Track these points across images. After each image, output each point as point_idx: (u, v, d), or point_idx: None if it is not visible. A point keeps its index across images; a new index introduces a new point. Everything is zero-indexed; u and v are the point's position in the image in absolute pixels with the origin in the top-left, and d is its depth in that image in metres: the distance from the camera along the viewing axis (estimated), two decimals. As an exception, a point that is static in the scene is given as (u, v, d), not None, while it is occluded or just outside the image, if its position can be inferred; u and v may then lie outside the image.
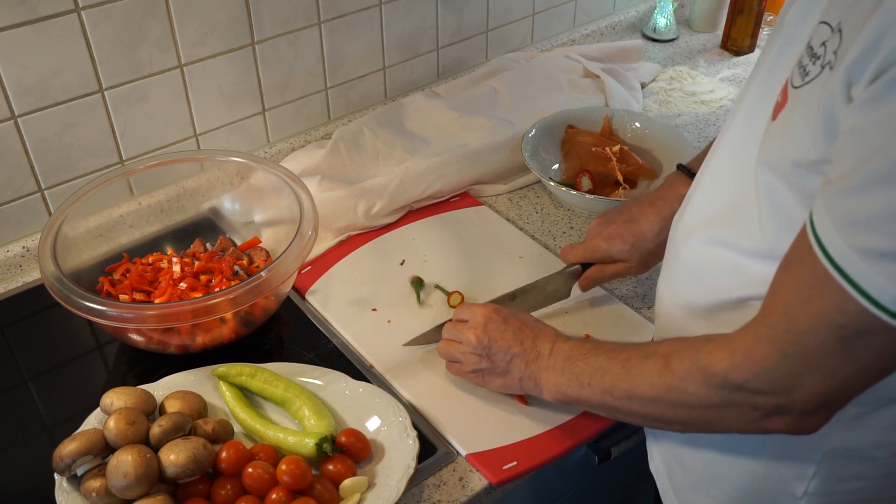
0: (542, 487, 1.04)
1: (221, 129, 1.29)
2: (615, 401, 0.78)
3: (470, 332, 0.92)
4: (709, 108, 1.57)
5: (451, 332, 0.95)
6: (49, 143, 1.12)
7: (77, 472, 0.82)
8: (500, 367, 0.90)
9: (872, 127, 0.54)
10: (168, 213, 1.21)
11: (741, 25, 1.72)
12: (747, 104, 0.74)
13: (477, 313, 0.93)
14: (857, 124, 0.56)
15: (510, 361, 0.89)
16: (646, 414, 0.76)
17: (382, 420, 0.92)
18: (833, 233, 0.57)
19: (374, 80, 1.45)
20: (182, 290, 1.04)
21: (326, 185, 1.24)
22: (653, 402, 0.74)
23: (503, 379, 0.91)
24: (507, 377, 0.90)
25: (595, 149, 1.32)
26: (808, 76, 0.62)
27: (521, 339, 0.90)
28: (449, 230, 1.24)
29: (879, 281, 0.54)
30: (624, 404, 0.77)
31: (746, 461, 0.78)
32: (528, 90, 1.49)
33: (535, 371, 0.87)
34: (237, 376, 0.95)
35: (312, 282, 1.15)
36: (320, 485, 0.83)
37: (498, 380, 0.92)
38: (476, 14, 1.53)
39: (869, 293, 0.55)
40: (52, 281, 0.94)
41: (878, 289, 0.55)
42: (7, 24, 1.01)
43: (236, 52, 1.24)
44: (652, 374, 0.73)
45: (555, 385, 0.84)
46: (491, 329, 0.91)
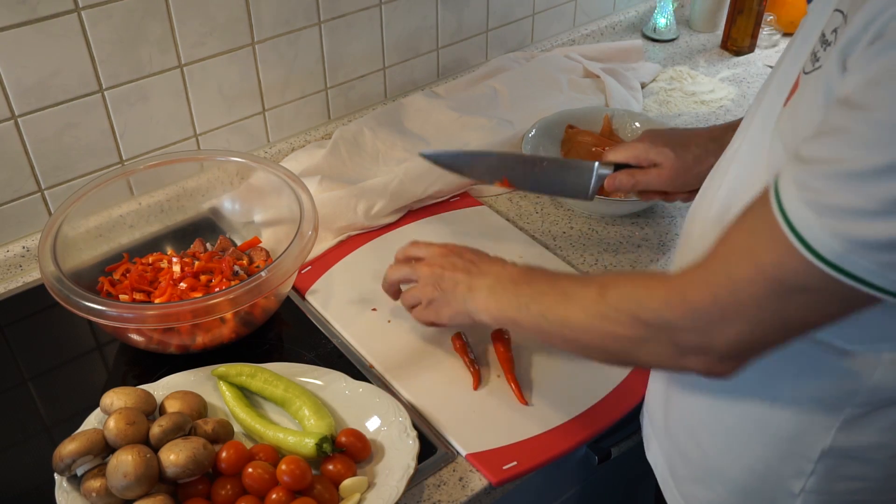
0: (542, 487, 1.04)
1: (221, 129, 1.29)
2: (549, 325, 0.79)
3: (425, 266, 0.94)
4: (709, 108, 1.57)
5: (403, 272, 0.96)
6: (49, 143, 1.12)
7: (77, 472, 0.82)
8: (448, 293, 0.91)
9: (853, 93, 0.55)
10: (168, 213, 1.22)
11: (741, 25, 1.72)
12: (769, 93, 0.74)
13: (434, 248, 0.95)
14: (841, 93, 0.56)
15: (456, 286, 0.90)
16: (575, 340, 0.77)
17: (382, 420, 0.92)
18: (792, 186, 0.57)
19: (374, 80, 1.45)
20: (182, 290, 1.04)
21: (326, 185, 1.24)
22: (584, 328, 0.75)
23: (450, 306, 0.91)
24: (453, 303, 0.91)
25: (595, 149, 1.32)
26: (818, 62, 0.62)
27: (468, 266, 0.91)
28: (449, 230, 1.24)
29: (824, 235, 0.55)
30: (556, 329, 0.78)
31: (745, 456, 0.78)
32: (528, 90, 1.49)
33: (477, 291, 0.88)
34: (237, 376, 0.95)
35: (312, 282, 1.15)
36: (320, 485, 0.83)
37: (447, 308, 0.92)
38: (476, 14, 1.53)
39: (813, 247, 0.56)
40: (52, 281, 0.94)
41: (821, 243, 0.55)
42: (7, 24, 1.01)
43: (236, 52, 1.24)
44: (587, 300, 0.75)
45: (495, 304, 0.85)
46: (445, 262, 0.93)
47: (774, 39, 1.79)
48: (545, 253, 1.20)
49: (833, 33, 0.61)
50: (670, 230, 1.25)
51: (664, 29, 1.80)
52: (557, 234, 1.25)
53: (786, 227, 0.57)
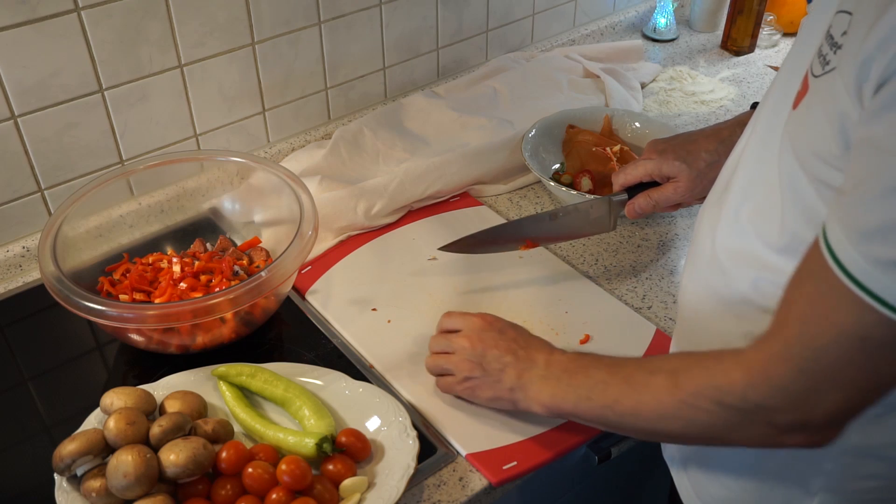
0: (542, 487, 1.04)
1: (221, 129, 1.29)
2: (617, 417, 0.76)
3: (464, 339, 0.90)
4: (709, 108, 1.57)
5: (442, 344, 0.93)
6: (49, 143, 1.12)
7: (77, 472, 0.82)
8: (493, 376, 0.87)
9: (882, 137, 0.54)
10: (168, 213, 1.22)
11: (741, 25, 1.73)
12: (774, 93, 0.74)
13: (472, 320, 0.91)
14: (867, 134, 0.55)
15: (502, 370, 0.87)
16: (651, 430, 0.75)
17: (382, 420, 0.92)
18: (847, 245, 0.56)
19: (374, 80, 1.45)
20: (182, 290, 1.04)
21: (326, 185, 1.24)
22: (661, 418, 0.72)
23: (494, 389, 0.88)
24: (497, 387, 0.88)
25: (595, 149, 1.32)
26: (828, 65, 0.61)
27: (514, 348, 0.87)
28: (449, 230, 1.24)
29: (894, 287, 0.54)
30: (627, 420, 0.76)
31: (761, 455, 0.78)
32: (528, 90, 1.49)
33: (527, 381, 0.85)
34: (237, 376, 0.95)
35: (312, 282, 1.15)
36: (320, 485, 0.83)
37: (489, 390, 0.89)
38: (476, 14, 1.53)
39: (889, 302, 0.54)
40: (52, 281, 0.94)
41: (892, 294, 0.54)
42: (7, 24, 1.01)
43: (236, 52, 1.24)
44: (659, 391, 0.72)
45: (549, 396, 0.82)
46: (486, 337, 0.89)
47: (774, 39, 1.79)
48: (545, 253, 1.20)
49: (843, 35, 0.60)
50: (670, 230, 1.25)
51: (664, 29, 1.80)
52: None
53: (852, 284, 0.56)
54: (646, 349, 1.04)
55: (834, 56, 0.60)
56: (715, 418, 0.68)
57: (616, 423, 0.77)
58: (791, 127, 0.66)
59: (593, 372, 0.80)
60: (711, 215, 0.80)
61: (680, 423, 0.71)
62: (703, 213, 0.83)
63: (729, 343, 0.76)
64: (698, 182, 1.01)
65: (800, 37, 0.72)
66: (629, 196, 1.07)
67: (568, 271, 1.16)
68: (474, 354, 0.89)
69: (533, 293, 1.12)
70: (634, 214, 1.06)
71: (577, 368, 0.82)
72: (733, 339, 0.76)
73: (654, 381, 0.73)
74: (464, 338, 0.90)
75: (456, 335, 0.92)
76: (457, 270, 1.16)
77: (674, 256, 1.20)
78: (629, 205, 1.05)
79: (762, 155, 0.72)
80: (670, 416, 0.72)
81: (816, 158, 0.62)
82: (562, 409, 0.82)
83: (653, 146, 1.05)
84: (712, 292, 0.78)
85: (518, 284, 1.11)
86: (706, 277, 0.79)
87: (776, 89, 0.74)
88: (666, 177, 1.03)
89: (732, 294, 0.75)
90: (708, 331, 0.80)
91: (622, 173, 1.06)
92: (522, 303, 1.10)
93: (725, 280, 0.76)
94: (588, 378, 0.80)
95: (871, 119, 0.55)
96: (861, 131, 0.56)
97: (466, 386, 0.91)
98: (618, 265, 1.19)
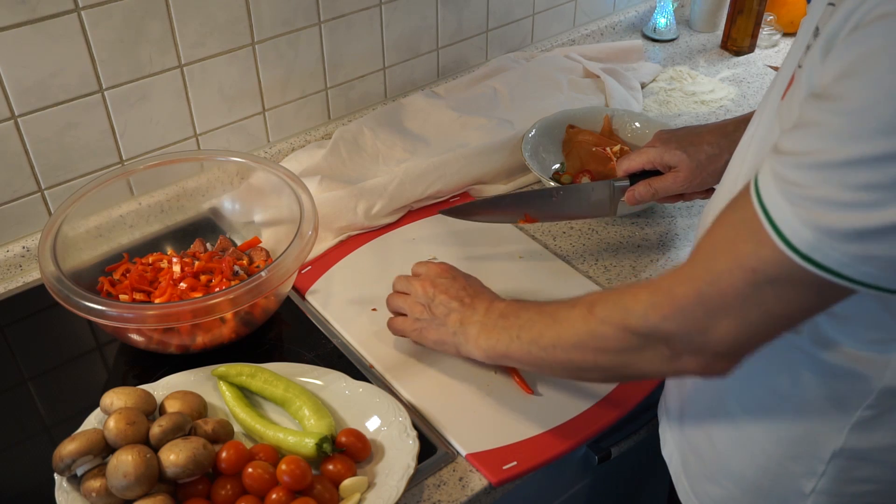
0: (542, 487, 1.04)
1: (221, 129, 1.29)
2: (541, 350, 0.80)
3: (419, 283, 0.96)
4: (709, 108, 1.57)
5: (402, 284, 0.98)
6: (49, 143, 1.12)
7: (77, 472, 0.82)
8: (439, 319, 0.93)
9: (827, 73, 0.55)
10: (168, 213, 1.22)
11: (741, 25, 1.73)
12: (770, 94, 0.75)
13: (431, 268, 0.97)
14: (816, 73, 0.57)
15: (448, 314, 0.92)
16: (568, 361, 0.78)
17: (382, 420, 0.92)
18: (769, 178, 0.58)
19: (374, 80, 1.45)
20: (182, 290, 1.04)
21: (326, 185, 1.24)
22: (575, 347, 0.76)
23: (438, 332, 0.93)
24: (442, 330, 0.93)
25: (595, 149, 1.32)
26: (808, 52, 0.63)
27: (461, 296, 0.92)
28: (449, 230, 1.24)
29: (797, 225, 0.55)
30: (549, 353, 0.79)
31: (757, 455, 0.78)
32: (528, 90, 1.49)
33: (468, 325, 0.90)
34: (237, 376, 0.95)
35: (312, 282, 1.15)
36: (320, 485, 0.83)
37: (434, 333, 0.94)
38: (476, 14, 1.53)
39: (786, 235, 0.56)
40: (52, 281, 0.94)
41: (794, 232, 0.55)
42: (7, 24, 1.01)
43: (236, 52, 1.24)
44: (576, 320, 0.76)
45: (486, 339, 0.87)
46: (439, 283, 0.94)
47: (774, 39, 1.79)
48: (545, 253, 1.20)
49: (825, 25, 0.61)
50: (670, 230, 1.25)
51: (664, 29, 1.80)
52: (557, 233, 1.25)
53: (763, 216, 0.58)
54: (646, 349, 1.04)
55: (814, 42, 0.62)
56: (620, 343, 0.71)
57: (541, 358, 0.80)
58: (780, 117, 0.67)
59: (523, 313, 0.84)
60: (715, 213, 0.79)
61: (591, 351, 0.75)
62: (710, 210, 0.84)
63: None
64: (698, 173, 1.02)
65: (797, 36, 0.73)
66: (631, 183, 1.08)
67: (568, 271, 1.16)
68: (426, 298, 0.94)
69: (533, 293, 1.12)
70: (634, 201, 1.08)
71: (510, 312, 0.86)
72: None
73: (572, 313, 0.77)
74: (420, 282, 0.96)
75: (415, 278, 0.97)
76: (457, 270, 1.16)
77: (674, 256, 1.20)
78: (629, 191, 1.07)
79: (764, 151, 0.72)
80: (583, 345, 0.75)
81: None
82: (496, 352, 0.86)
83: (658, 135, 1.07)
84: None
85: (518, 284, 1.11)
86: None
87: (774, 88, 0.74)
88: (667, 166, 1.05)
89: None
90: None
91: (626, 160, 1.08)
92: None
93: None
94: (518, 318, 0.84)
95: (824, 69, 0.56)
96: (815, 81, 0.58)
97: (415, 328, 0.96)
98: (618, 265, 1.19)
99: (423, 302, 0.94)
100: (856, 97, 0.52)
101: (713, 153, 1.02)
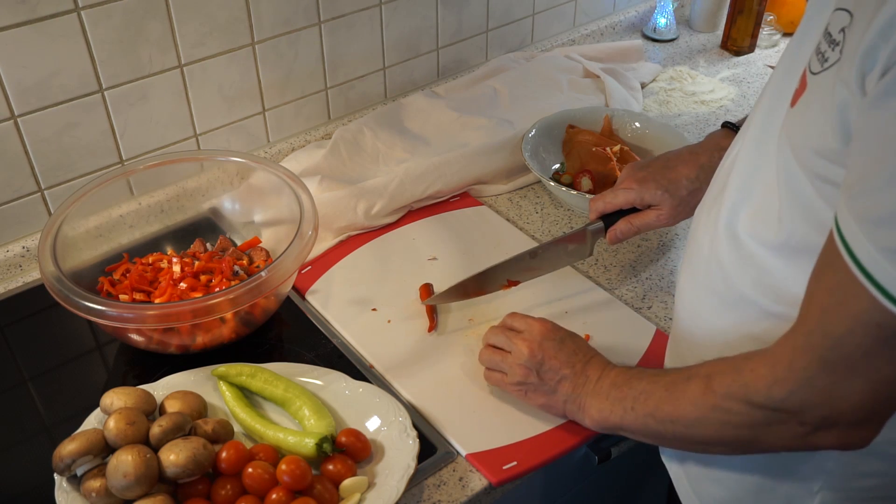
0: (542, 487, 1.04)
1: (221, 129, 1.29)
2: (658, 424, 0.77)
3: (524, 343, 0.91)
4: (709, 108, 1.57)
5: (500, 340, 0.94)
6: (49, 143, 1.12)
7: (77, 472, 0.82)
8: (548, 385, 0.89)
9: (886, 122, 0.54)
10: (168, 213, 1.22)
11: (741, 25, 1.73)
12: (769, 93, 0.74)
13: (534, 326, 0.92)
14: (871, 121, 0.55)
15: (559, 382, 0.89)
16: (689, 437, 0.75)
17: (382, 420, 0.92)
18: (859, 235, 0.56)
19: (374, 80, 1.45)
20: (182, 290, 1.04)
21: (326, 185, 1.24)
22: (697, 422, 0.73)
23: (548, 398, 0.90)
24: (552, 397, 0.90)
25: (595, 149, 1.32)
26: (826, 62, 0.61)
27: (573, 361, 0.89)
28: (449, 230, 1.24)
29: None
30: (667, 427, 0.76)
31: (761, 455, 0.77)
32: (528, 90, 1.49)
33: (580, 395, 0.87)
34: (237, 376, 0.95)
35: (312, 282, 1.15)
36: (320, 485, 0.83)
37: (542, 398, 0.91)
38: (476, 14, 1.53)
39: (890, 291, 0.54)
40: (52, 281, 0.94)
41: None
42: (7, 24, 1.01)
43: (236, 52, 1.24)
44: (695, 394, 0.73)
45: (598, 411, 0.84)
46: (547, 346, 0.90)
47: (774, 39, 1.79)
48: (545, 253, 1.20)
49: (841, 33, 0.60)
50: (670, 230, 1.25)
51: (664, 29, 1.80)
52: (557, 233, 1.25)
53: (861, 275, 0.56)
54: (646, 349, 1.04)
55: (832, 52, 0.60)
56: (745, 419, 0.69)
57: (658, 431, 0.78)
58: (789, 125, 0.66)
59: (636, 383, 0.81)
60: (708, 217, 0.80)
61: (714, 427, 0.72)
62: (700, 215, 0.83)
63: (728, 343, 0.76)
64: (681, 210, 1.01)
65: (795, 37, 0.72)
66: (605, 221, 1.06)
67: (567, 271, 1.16)
68: (532, 362, 0.90)
69: (532, 293, 1.12)
70: (616, 241, 1.05)
71: (623, 381, 0.83)
72: (732, 339, 0.76)
73: (690, 387, 0.74)
74: (524, 342, 0.91)
75: (517, 335, 0.92)
76: (457, 271, 1.16)
77: (674, 256, 1.20)
78: (611, 231, 1.04)
79: (757, 156, 0.72)
80: (705, 420, 0.72)
81: (816, 155, 0.62)
82: (610, 423, 0.83)
83: (631, 174, 1.03)
84: (711, 292, 0.78)
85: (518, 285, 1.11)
86: (704, 278, 0.79)
87: (771, 90, 0.73)
88: (647, 205, 1.02)
89: (731, 294, 0.75)
90: (706, 331, 0.80)
91: (601, 200, 1.04)
92: (522, 303, 1.10)
93: (724, 280, 0.76)
94: (632, 389, 0.81)
95: (873, 106, 0.55)
96: (864, 120, 0.56)
97: (519, 389, 0.92)
98: (618, 265, 1.19)
99: (529, 366, 0.90)
100: None
101: (694, 187, 0.99)
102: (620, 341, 1.05)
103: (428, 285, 1.12)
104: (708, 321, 0.79)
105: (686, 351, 0.85)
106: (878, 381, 0.61)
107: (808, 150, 0.63)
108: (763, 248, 0.70)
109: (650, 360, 1.03)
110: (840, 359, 0.61)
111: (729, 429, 0.71)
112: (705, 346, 0.80)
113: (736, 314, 0.76)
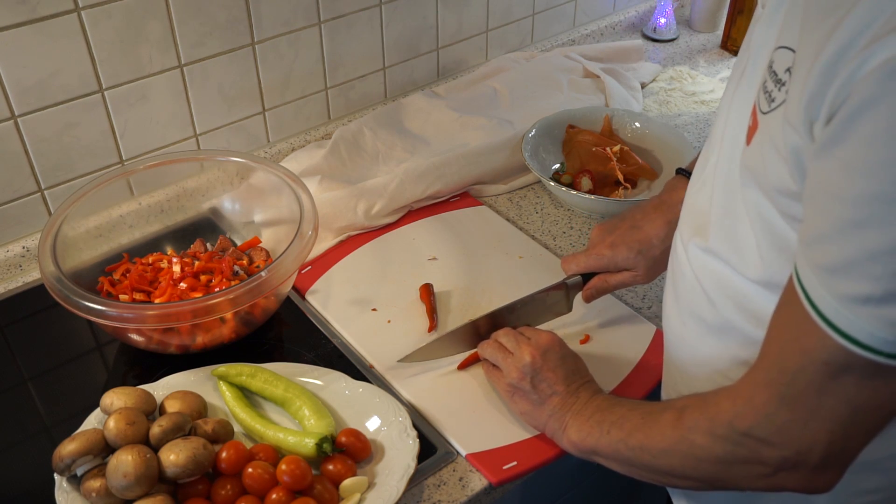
0: (542, 487, 1.04)
1: (221, 129, 1.29)
2: (629, 451, 0.77)
3: (528, 349, 0.91)
4: (709, 108, 1.57)
5: (507, 341, 0.94)
6: (49, 143, 1.12)
7: (77, 472, 0.82)
8: (539, 396, 0.89)
9: (833, 171, 0.54)
10: (168, 213, 1.22)
11: (741, 25, 1.73)
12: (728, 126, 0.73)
13: (542, 337, 0.93)
14: (818, 170, 0.55)
15: (550, 396, 0.88)
16: (657, 467, 0.75)
17: (382, 420, 0.92)
18: (815, 281, 0.56)
19: (374, 80, 1.45)
20: (182, 290, 1.04)
21: (326, 185, 1.24)
22: (663, 453, 0.73)
23: (533, 407, 0.90)
24: (538, 408, 0.89)
25: (595, 149, 1.32)
26: (773, 102, 0.61)
27: (570, 380, 0.89)
28: (449, 230, 1.24)
29: (865, 326, 0.54)
30: (637, 455, 0.76)
31: None
32: (528, 90, 1.49)
33: (566, 413, 0.86)
34: (237, 376, 0.95)
35: (312, 282, 1.15)
36: (320, 485, 0.83)
37: (528, 405, 0.90)
38: (476, 14, 1.53)
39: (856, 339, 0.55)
40: (52, 281, 0.94)
41: (866, 334, 0.54)
42: (7, 24, 1.01)
43: (236, 52, 1.24)
44: (666, 425, 0.73)
45: (577, 432, 0.84)
46: (549, 357, 0.90)
47: (774, 39, 1.78)
48: (545, 253, 1.20)
49: (787, 73, 0.59)
50: (670, 230, 1.25)
51: (664, 29, 1.80)
52: (557, 233, 1.25)
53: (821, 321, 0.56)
54: (646, 349, 1.04)
55: (779, 92, 0.60)
56: (708, 452, 0.69)
57: (629, 458, 0.77)
58: (749, 162, 0.66)
59: (617, 409, 0.81)
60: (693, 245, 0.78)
61: (679, 458, 0.72)
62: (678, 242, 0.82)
63: (716, 368, 0.76)
64: (656, 268, 1.00)
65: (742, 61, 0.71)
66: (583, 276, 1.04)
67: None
68: (530, 369, 0.90)
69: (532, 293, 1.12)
70: (591, 299, 1.04)
71: (606, 406, 0.83)
72: (721, 364, 0.76)
73: (663, 417, 0.74)
74: (529, 348, 0.91)
75: (524, 341, 0.93)
76: (457, 271, 1.16)
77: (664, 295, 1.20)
78: (586, 291, 1.03)
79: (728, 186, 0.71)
80: (671, 452, 0.72)
81: (780, 194, 0.62)
82: (586, 446, 0.83)
83: (600, 239, 1.02)
84: (697, 319, 0.78)
85: (518, 285, 1.11)
86: (689, 304, 0.79)
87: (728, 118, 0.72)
88: (621, 268, 1.01)
89: (717, 320, 0.75)
90: (694, 356, 0.80)
91: (573, 262, 1.03)
92: (522, 303, 1.10)
93: (710, 307, 0.75)
94: (612, 414, 0.81)
95: (819, 155, 0.55)
96: (812, 168, 0.56)
97: (509, 390, 0.92)
98: (618, 265, 1.18)
99: (526, 371, 0.90)
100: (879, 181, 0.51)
101: (665, 245, 0.97)
102: (620, 341, 1.05)
103: (428, 285, 1.12)
104: (696, 346, 0.79)
105: (679, 380, 0.84)
106: (834, 421, 0.61)
107: (773, 189, 0.63)
108: (747, 282, 0.70)
109: (650, 360, 1.03)
110: (797, 395, 0.61)
111: (692, 461, 0.71)
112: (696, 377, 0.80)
113: (723, 340, 0.75)
